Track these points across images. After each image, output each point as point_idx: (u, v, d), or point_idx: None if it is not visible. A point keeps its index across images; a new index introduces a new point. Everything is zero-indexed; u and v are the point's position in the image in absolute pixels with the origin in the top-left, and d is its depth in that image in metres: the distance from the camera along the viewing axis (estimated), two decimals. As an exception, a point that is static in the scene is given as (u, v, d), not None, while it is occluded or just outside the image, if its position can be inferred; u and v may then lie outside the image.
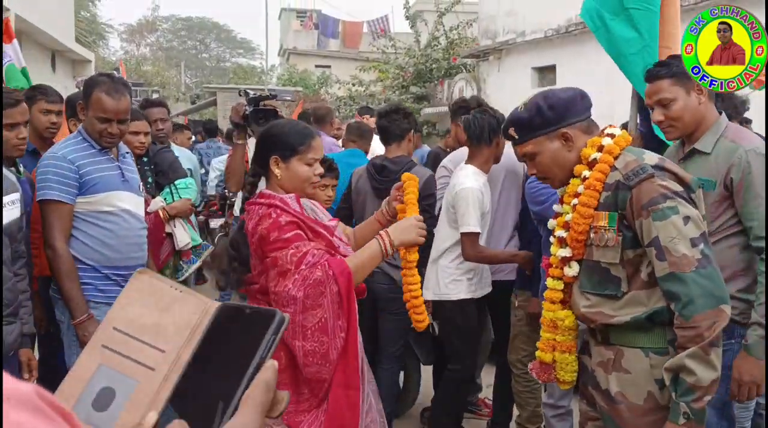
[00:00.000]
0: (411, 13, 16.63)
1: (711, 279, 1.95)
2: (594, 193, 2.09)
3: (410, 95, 15.65)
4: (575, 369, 2.29)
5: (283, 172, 2.41)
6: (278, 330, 0.74)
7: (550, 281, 2.29)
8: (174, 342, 0.78)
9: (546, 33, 12.11)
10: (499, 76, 13.57)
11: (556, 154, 2.18)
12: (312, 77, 26.25)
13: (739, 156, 2.50)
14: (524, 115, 2.19)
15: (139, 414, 0.74)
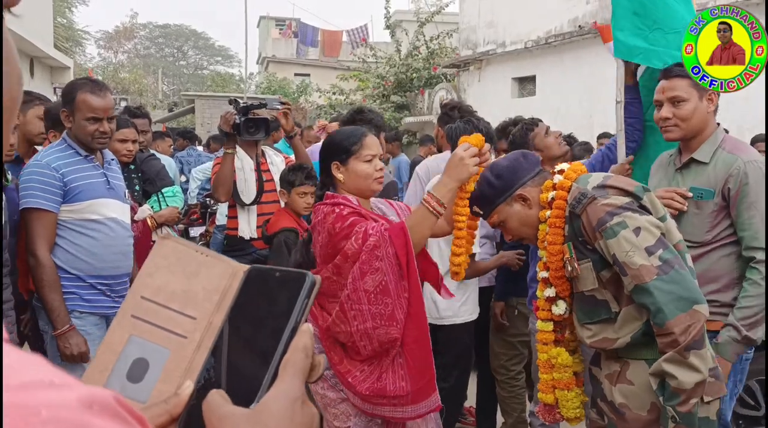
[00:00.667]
0: (391, 22, 16.70)
1: (676, 283, 1.96)
2: (557, 230, 2.16)
3: (391, 104, 15.69)
4: (578, 405, 2.30)
5: (344, 175, 2.54)
6: (310, 293, 0.72)
7: (540, 323, 2.33)
8: (204, 309, 0.75)
9: (526, 44, 12.22)
10: (480, 86, 13.66)
11: (519, 215, 2.27)
12: (291, 85, 26.22)
13: (737, 167, 2.53)
14: (477, 191, 2.34)
15: (175, 383, 0.72)
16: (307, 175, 3.77)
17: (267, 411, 0.64)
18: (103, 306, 3.05)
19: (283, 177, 3.84)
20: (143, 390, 0.72)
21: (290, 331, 0.70)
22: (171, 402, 0.69)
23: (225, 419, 0.65)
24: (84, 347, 2.91)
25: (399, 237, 2.37)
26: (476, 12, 13.66)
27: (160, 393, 0.71)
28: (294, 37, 32.00)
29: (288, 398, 0.65)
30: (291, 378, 0.66)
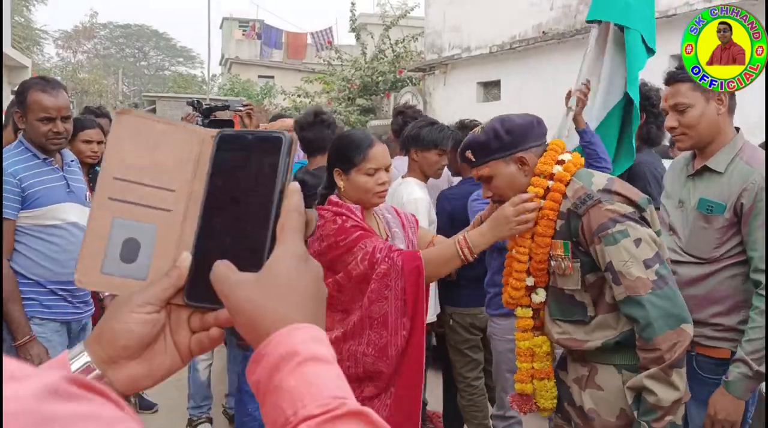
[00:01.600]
0: (356, 25, 16.67)
1: (669, 300, 1.94)
2: (549, 223, 2.10)
3: (357, 107, 15.66)
4: (554, 395, 2.28)
5: (345, 184, 2.49)
6: (289, 152, 0.72)
7: (520, 310, 2.28)
8: (181, 179, 0.75)
9: (491, 49, 12.30)
10: (445, 90, 13.71)
11: (512, 177, 2.18)
12: (255, 87, 26.00)
13: (753, 181, 2.33)
14: (481, 137, 2.19)
15: (171, 257, 0.73)
16: None
17: (274, 272, 0.66)
18: (63, 312, 2.97)
19: None
20: (140, 268, 0.73)
21: (279, 193, 0.70)
22: (173, 275, 0.71)
23: (236, 287, 0.66)
24: (45, 357, 2.82)
25: (412, 274, 2.28)
26: (441, 16, 13.71)
27: (158, 269, 0.73)
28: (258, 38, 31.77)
29: (292, 257, 0.67)
30: (291, 238, 0.68)
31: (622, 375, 2.07)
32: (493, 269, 3.43)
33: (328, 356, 0.63)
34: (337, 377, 0.62)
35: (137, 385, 0.71)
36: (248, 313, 0.65)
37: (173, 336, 0.73)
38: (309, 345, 0.63)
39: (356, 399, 0.62)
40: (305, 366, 0.61)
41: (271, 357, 0.62)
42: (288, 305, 0.65)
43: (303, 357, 0.61)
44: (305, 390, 0.59)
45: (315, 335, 0.64)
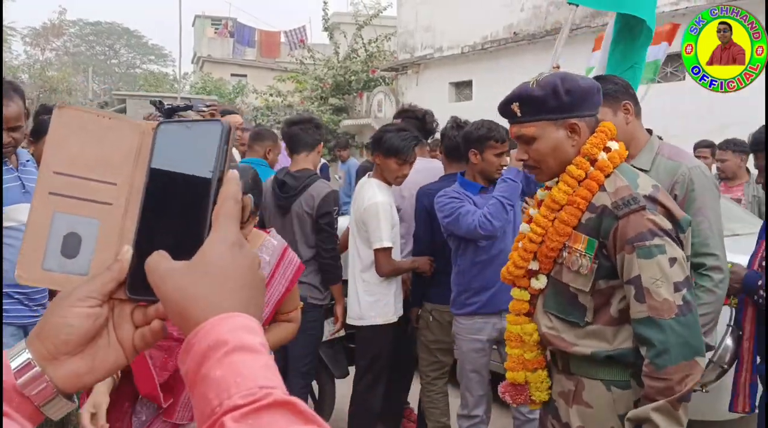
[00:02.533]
0: (329, 24, 16.61)
1: (689, 329, 1.82)
2: (576, 212, 1.94)
3: (329, 107, 15.60)
4: (548, 386, 2.14)
5: None
6: (228, 139, 0.71)
7: (517, 291, 2.15)
8: (123, 172, 0.74)
9: (462, 49, 12.34)
10: (418, 90, 13.72)
11: (558, 144, 1.97)
12: (227, 86, 25.78)
13: (682, 173, 2.44)
14: (537, 92, 1.96)
15: (112, 251, 0.72)
16: None
17: (206, 259, 0.65)
18: (20, 315, 2.89)
19: None
20: (82, 263, 0.73)
21: (217, 181, 0.70)
22: (114, 269, 0.70)
23: (166, 275, 0.65)
24: None
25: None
26: (414, 16, 13.72)
27: (100, 263, 0.72)
28: (230, 36, 31.49)
29: (225, 243, 0.66)
30: (225, 225, 0.67)
31: (611, 393, 1.95)
32: (458, 267, 3.42)
33: (257, 345, 0.62)
34: (265, 366, 0.61)
35: (79, 382, 0.69)
36: (178, 302, 0.64)
37: (116, 331, 0.71)
38: (238, 334, 0.61)
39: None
40: (233, 356, 0.60)
41: (200, 347, 0.61)
42: (219, 293, 0.64)
43: (231, 347, 0.60)
44: (231, 380, 0.58)
45: (245, 324, 0.63)
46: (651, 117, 8.84)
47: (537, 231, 2.03)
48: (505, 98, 2.04)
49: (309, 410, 0.57)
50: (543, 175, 2.06)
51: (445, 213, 3.32)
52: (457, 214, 3.25)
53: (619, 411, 1.93)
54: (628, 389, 1.94)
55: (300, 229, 3.70)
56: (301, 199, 3.67)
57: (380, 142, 3.61)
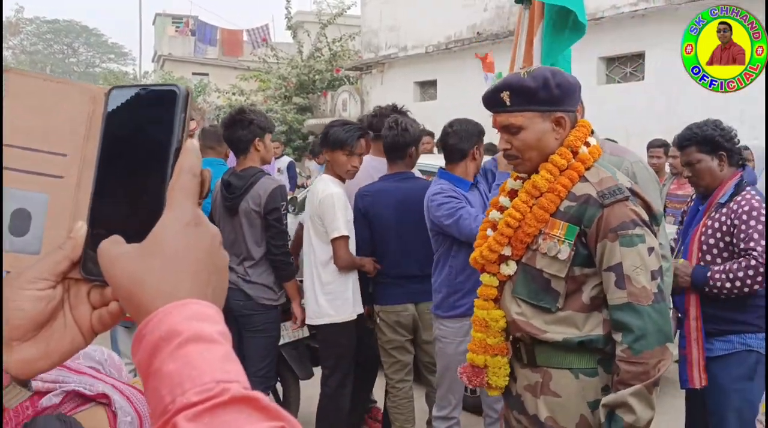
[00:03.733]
0: (293, 23, 16.51)
1: (663, 315, 1.89)
2: (556, 199, 1.99)
3: (293, 106, 15.50)
4: (507, 373, 2.15)
5: None
6: (185, 107, 0.65)
7: (486, 277, 2.16)
8: (73, 142, 0.68)
9: (427, 49, 12.37)
10: (382, 89, 13.71)
11: (543, 135, 2.01)
12: (189, 85, 25.45)
13: (625, 168, 2.48)
14: (530, 83, 1.98)
15: (65, 227, 0.67)
16: None
17: (158, 241, 0.60)
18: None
19: None
20: (32, 241, 0.68)
21: (175, 152, 0.63)
22: (67, 246, 0.65)
23: (116, 260, 0.60)
24: None
25: None
26: (378, 16, 13.72)
27: (52, 241, 0.67)
28: (192, 35, 31.11)
29: (179, 222, 0.60)
30: (180, 201, 0.61)
31: (579, 381, 1.98)
32: (452, 269, 3.36)
33: (214, 334, 0.57)
34: (223, 357, 0.56)
35: (33, 367, 0.65)
36: (128, 289, 0.59)
37: (73, 312, 0.66)
38: (193, 324, 0.56)
39: None
40: (187, 347, 0.55)
41: (151, 338, 0.56)
42: (171, 279, 0.59)
43: (185, 337, 0.55)
44: (185, 375, 0.54)
45: (201, 311, 0.58)
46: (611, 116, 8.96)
47: (515, 216, 2.05)
48: (494, 87, 2.06)
49: (273, 405, 0.54)
50: (523, 166, 2.09)
51: (445, 212, 3.25)
52: (458, 216, 3.20)
53: (588, 398, 1.97)
54: (595, 376, 1.98)
55: (249, 228, 3.63)
56: (247, 198, 3.60)
57: (326, 137, 3.61)
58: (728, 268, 2.85)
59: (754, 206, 2.88)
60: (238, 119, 3.67)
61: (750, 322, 2.90)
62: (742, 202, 2.91)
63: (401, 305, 3.63)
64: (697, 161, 3.03)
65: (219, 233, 0.65)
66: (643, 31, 8.68)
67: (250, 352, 3.72)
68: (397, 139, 3.64)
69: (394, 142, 3.65)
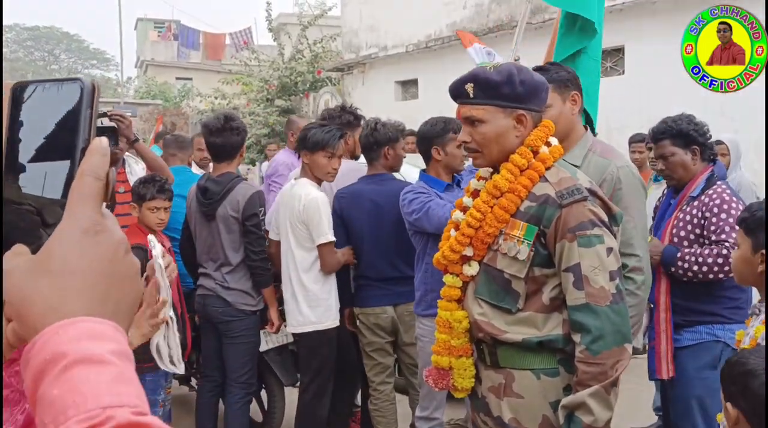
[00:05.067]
0: (274, 25, 16.44)
1: (621, 316, 1.90)
2: (516, 199, 1.98)
3: (276, 108, 15.42)
4: (472, 374, 2.15)
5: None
6: (91, 102, 0.61)
7: (449, 278, 2.16)
8: None
9: (407, 48, 12.33)
10: (364, 90, 13.67)
11: (504, 131, 2.01)
12: (172, 90, 25.33)
13: (611, 172, 2.47)
14: (493, 76, 1.99)
15: None
16: (160, 188, 3.51)
17: (50, 253, 0.55)
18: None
19: (133, 189, 3.57)
20: None
21: (81, 153, 0.59)
22: None
23: (7, 275, 0.56)
24: None
25: None
26: (358, 16, 13.67)
27: None
28: (174, 39, 30.95)
29: (74, 232, 0.56)
30: (78, 208, 0.57)
31: (541, 381, 1.99)
32: (426, 266, 3.32)
33: (104, 355, 0.52)
34: (114, 380, 0.51)
35: None
36: (17, 307, 0.55)
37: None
38: (81, 344, 0.52)
39: None
40: (72, 370, 0.51)
41: (36, 361, 0.52)
42: (60, 294, 0.54)
43: (70, 359, 0.51)
44: (69, 401, 0.49)
45: (91, 329, 0.53)
46: (591, 111, 8.80)
47: (476, 216, 2.04)
48: (460, 78, 2.06)
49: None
50: (483, 160, 2.09)
51: (414, 207, 3.24)
52: (427, 207, 3.17)
53: (549, 399, 1.98)
54: (557, 376, 1.98)
55: (227, 234, 3.60)
56: (225, 203, 3.58)
57: (305, 139, 3.55)
58: (699, 252, 2.90)
59: (725, 199, 2.92)
60: (229, 127, 3.63)
61: (718, 313, 2.95)
62: (714, 196, 2.94)
63: (380, 307, 3.60)
64: (670, 154, 3.05)
65: (125, 240, 0.59)
66: (622, 25, 8.67)
67: (231, 359, 3.69)
68: (367, 139, 3.62)
69: (365, 142, 3.63)
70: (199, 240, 3.70)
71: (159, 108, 17.47)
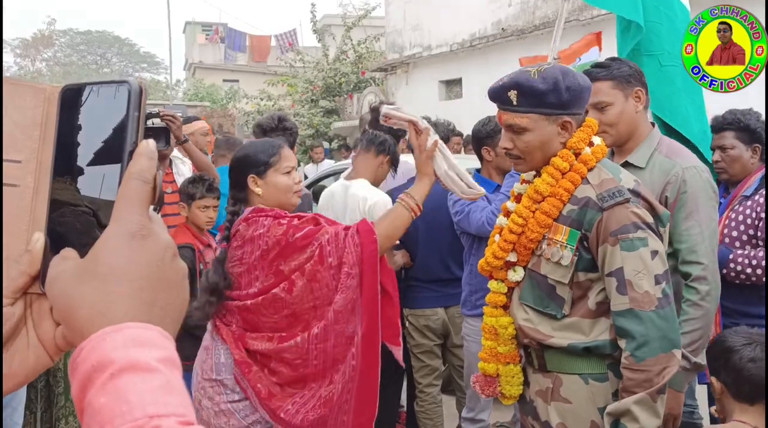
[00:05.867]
0: (318, 27, 16.57)
1: (668, 321, 1.83)
2: (558, 204, 1.93)
3: (320, 109, 15.55)
4: (521, 382, 2.10)
5: (263, 188, 2.43)
6: (140, 104, 0.60)
7: (494, 284, 2.11)
8: (27, 147, 0.63)
9: (451, 47, 12.28)
10: (407, 90, 13.66)
11: (548, 139, 1.94)
12: (219, 92, 25.73)
13: (675, 173, 2.34)
14: (540, 85, 1.90)
15: (22, 239, 0.62)
16: (209, 187, 3.56)
17: (97, 257, 0.55)
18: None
19: (182, 189, 3.61)
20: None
21: (129, 155, 0.59)
22: (24, 261, 0.60)
23: (54, 280, 0.56)
24: None
25: (370, 259, 2.30)
26: (402, 16, 13.67)
27: (9, 254, 0.62)
28: (221, 42, 31.44)
29: (121, 236, 0.55)
30: (125, 212, 0.56)
31: (590, 386, 1.94)
32: (473, 267, 3.30)
33: (151, 362, 0.52)
34: (160, 388, 0.51)
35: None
36: (65, 312, 0.55)
37: (36, 329, 0.62)
38: (128, 351, 0.52)
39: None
40: (119, 378, 0.50)
41: (84, 368, 0.51)
42: (108, 299, 0.54)
43: (118, 367, 0.51)
44: (117, 409, 0.49)
45: (138, 336, 0.53)
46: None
47: (518, 221, 2.00)
48: (501, 84, 1.97)
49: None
50: (525, 166, 2.04)
51: (457, 208, 3.24)
52: (468, 210, 3.16)
53: (598, 404, 1.92)
54: (605, 381, 1.93)
55: None
56: None
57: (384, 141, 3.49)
58: (753, 255, 2.79)
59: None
60: (282, 126, 3.69)
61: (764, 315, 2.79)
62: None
63: (431, 309, 3.58)
64: (731, 147, 2.93)
65: (172, 244, 0.59)
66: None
67: None
68: None
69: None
70: None
71: (206, 109, 17.73)
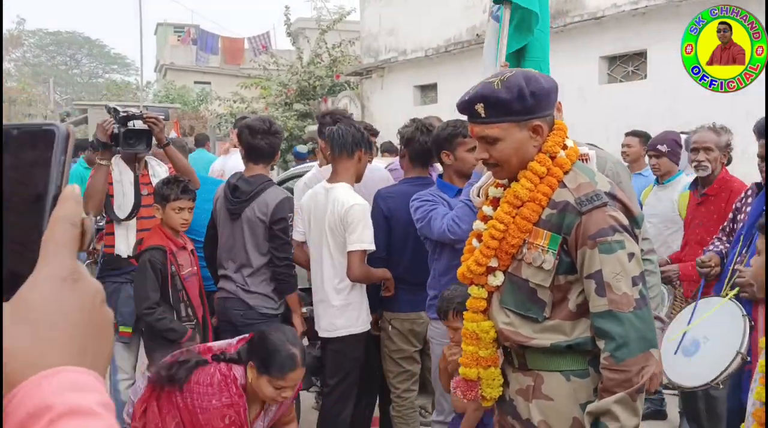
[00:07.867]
0: (292, 30, 16.49)
1: (645, 322, 1.88)
2: (538, 208, 1.96)
3: (294, 112, 15.45)
4: (500, 383, 2.13)
5: (253, 380, 2.68)
6: (65, 148, 0.60)
7: (474, 289, 2.13)
8: None
9: (426, 52, 12.31)
10: (383, 94, 13.66)
11: (521, 144, 1.98)
12: (191, 94, 25.49)
13: (609, 168, 2.48)
14: (504, 95, 1.93)
15: None
16: (184, 189, 3.49)
17: (26, 302, 0.53)
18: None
19: (156, 190, 3.55)
20: None
21: (53, 200, 0.58)
22: None
23: None
24: None
25: None
26: (377, 20, 13.67)
27: None
28: (193, 44, 31.15)
29: (51, 280, 0.54)
30: (53, 255, 0.55)
31: (571, 383, 1.97)
32: (435, 271, 3.33)
33: (91, 406, 0.50)
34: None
35: None
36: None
37: None
38: (66, 396, 0.50)
39: None
40: (59, 424, 0.48)
41: (17, 416, 0.49)
42: (40, 344, 0.52)
43: (57, 412, 0.48)
44: None
45: (75, 380, 0.51)
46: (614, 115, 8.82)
47: (499, 227, 2.02)
48: (468, 97, 2.01)
49: None
50: (504, 173, 2.07)
51: (418, 216, 3.25)
52: (429, 217, 3.18)
53: (580, 401, 1.95)
54: (587, 377, 1.96)
55: (251, 236, 3.57)
56: (253, 205, 3.55)
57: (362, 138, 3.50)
58: None
59: None
60: (274, 130, 3.67)
61: None
62: None
63: (416, 313, 3.56)
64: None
65: (101, 289, 0.58)
66: (644, 29, 8.59)
67: None
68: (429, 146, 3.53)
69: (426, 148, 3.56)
70: (221, 239, 3.68)
71: (178, 111, 17.54)
